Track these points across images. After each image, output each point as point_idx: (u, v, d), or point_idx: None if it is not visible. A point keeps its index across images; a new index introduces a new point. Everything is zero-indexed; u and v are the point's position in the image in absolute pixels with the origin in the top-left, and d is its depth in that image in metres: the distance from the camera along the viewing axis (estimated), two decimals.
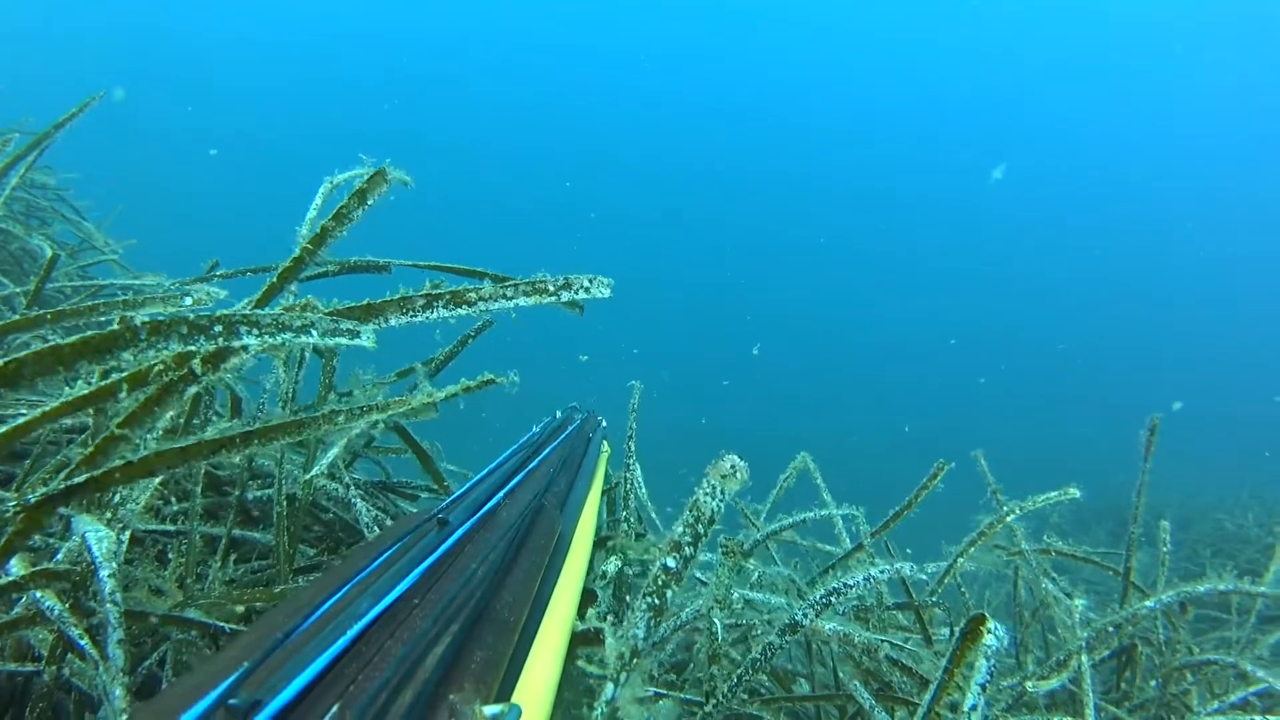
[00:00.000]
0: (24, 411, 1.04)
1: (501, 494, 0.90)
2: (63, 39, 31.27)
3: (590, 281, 0.81)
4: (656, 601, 0.84)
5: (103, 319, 1.21)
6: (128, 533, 1.10)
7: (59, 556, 1.26)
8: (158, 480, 1.17)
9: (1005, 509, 2.14)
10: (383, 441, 2.03)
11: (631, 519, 1.75)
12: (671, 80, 37.94)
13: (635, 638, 0.85)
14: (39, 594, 1.10)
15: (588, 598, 1.08)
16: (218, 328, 0.69)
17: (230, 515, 1.44)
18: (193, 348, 0.69)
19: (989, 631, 0.97)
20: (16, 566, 1.09)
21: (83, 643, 1.03)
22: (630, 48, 37.85)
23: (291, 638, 0.53)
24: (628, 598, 1.66)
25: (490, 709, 0.53)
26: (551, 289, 0.80)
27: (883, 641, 1.60)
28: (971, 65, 36.01)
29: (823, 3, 35.97)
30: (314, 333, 0.71)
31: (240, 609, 1.17)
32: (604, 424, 1.78)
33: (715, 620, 1.44)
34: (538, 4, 35.78)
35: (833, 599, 1.32)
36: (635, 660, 0.85)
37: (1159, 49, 33.18)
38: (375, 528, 1.55)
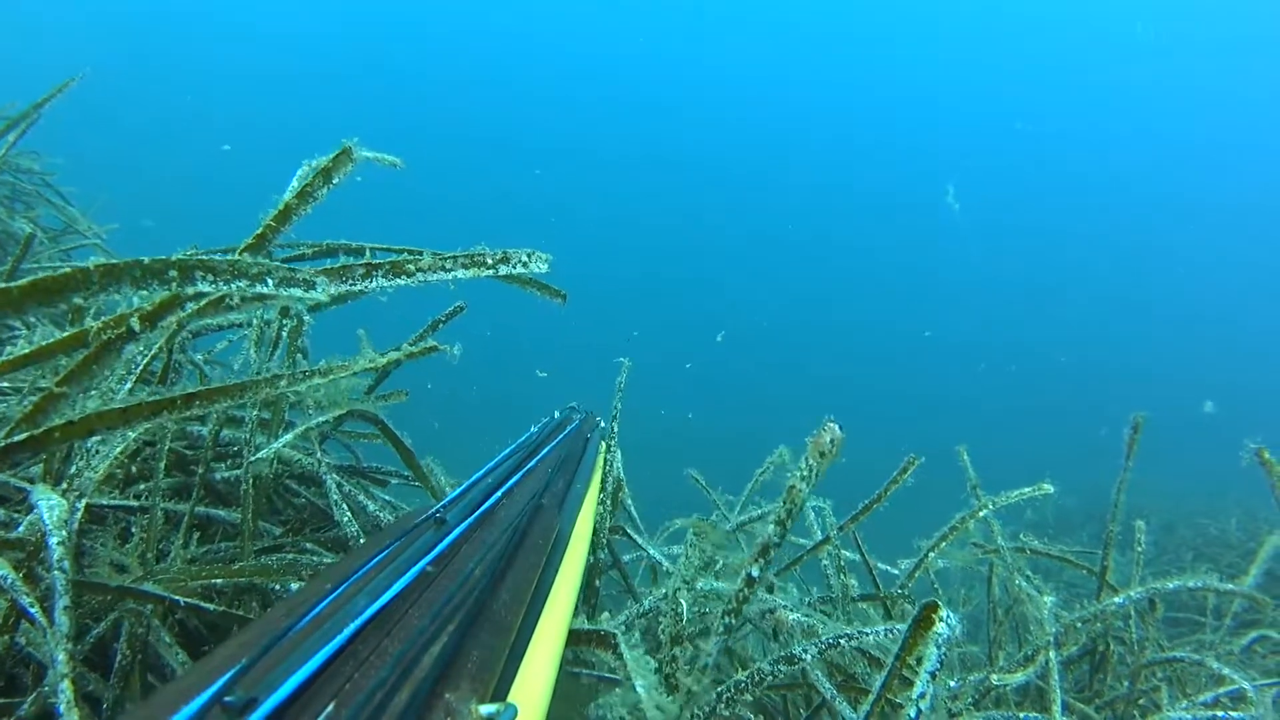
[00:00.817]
0: None
1: (500, 493, 0.90)
2: (60, 32, 31.31)
3: (529, 256, 0.82)
4: (733, 621, 0.80)
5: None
6: (83, 501, 1.11)
7: (20, 530, 1.27)
8: (117, 450, 1.18)
9: (979, 504, 2.16)
10: (352, 427, 2.04)
11: (608, 501, 1.76)
12: (672, 81, 38.02)
13: (707, 665, 0.81)
14: None
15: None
16: (172, 272, 0.68)
17: (194, 492, 1.45)
18: (145, 292, 0.69)
19: (941, 620, 0.97)
20: None
21: (33, 610, 1.04)
22: (605, 46, 37.90)
23: (288, 636, 0.53)
24: (596, 583, 1.67)
25: (486, 708, 0.53)
26: (490, 262, 0.80)
27: (847, 634, 1.61)
28: (967, 64, 36.08)
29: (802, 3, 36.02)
30: (269, 281, 0.71)
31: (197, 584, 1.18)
32: (602, 424, 1.79)
33: (682, 601, 1.44)
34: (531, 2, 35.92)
35: (841, 643, 1.27)
36: (702, 685, 0.80)
37: (1132, 45, 33.26)
38: (344, 505, 1.56)
